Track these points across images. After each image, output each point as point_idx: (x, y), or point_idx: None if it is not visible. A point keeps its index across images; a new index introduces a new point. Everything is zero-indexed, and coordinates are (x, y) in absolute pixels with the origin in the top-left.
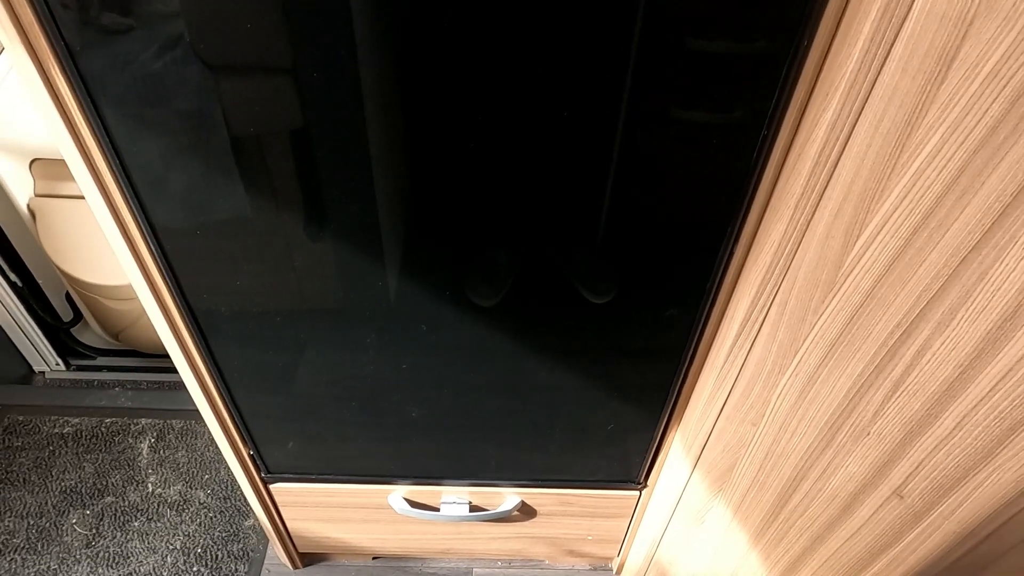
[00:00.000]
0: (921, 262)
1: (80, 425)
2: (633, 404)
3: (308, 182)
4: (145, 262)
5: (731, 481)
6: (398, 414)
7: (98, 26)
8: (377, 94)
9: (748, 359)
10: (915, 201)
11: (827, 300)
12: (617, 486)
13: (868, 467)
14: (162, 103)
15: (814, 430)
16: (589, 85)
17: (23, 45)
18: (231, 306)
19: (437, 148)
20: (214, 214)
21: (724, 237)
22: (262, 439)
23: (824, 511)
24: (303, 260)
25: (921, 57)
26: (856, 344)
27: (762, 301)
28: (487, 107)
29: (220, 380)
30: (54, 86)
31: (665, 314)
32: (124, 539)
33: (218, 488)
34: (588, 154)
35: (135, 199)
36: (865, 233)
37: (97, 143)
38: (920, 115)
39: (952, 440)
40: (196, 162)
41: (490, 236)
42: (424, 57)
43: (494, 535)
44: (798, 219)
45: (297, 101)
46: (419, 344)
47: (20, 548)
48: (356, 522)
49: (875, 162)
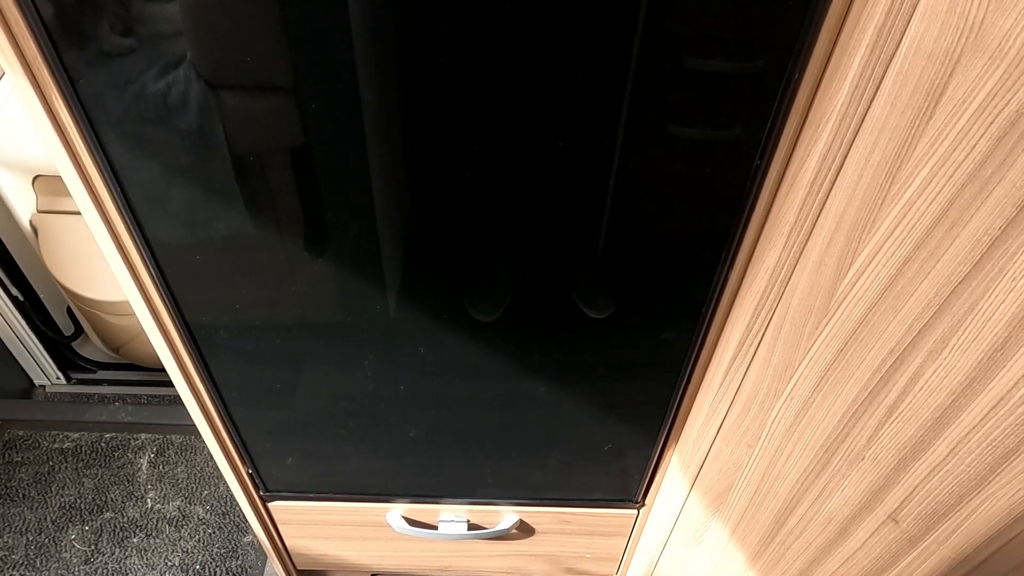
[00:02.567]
0: (912, 292)
1: (80, 440)
2: (631, 423)
3: (307, 200)
4: (142, 279)
5: (728, 502)
6: (396, 432)
7: (97, 49)
8: (377, 113)
9: (744, 381)
10: (906, 232)
11: (821, 326)
12: (615, 505)
13: (863, 491)
14: (163, 122)
15: (809, 453)
16: (586, 102)
17: (22, 69)
18: (229, 323)
19: (436, 166)
20: (212, 232)
21: (719, 260)
22: (260, 457)
23: (820, 534)
24: (302, 278)
25: (910, 93)
26: (850, 370)
27: (757, 325)
28: (486, 125)
29: (218, 398)
30: (53, 108)
31: (662, 333)
32: (123, 555)
33: (217, 504)
34: (585, 171)
35: (132, 217)
36: (857, 262)
37: (95, 164)
38: (910, 149)
39: (946, 466)
40: (194, 180)
41: (490, 252)
42: (423, 76)
43: (493, 553)
44: (791, 246)
45: (297, 120)
46: (417, 362)
47: (19, 564)
48: (354, 539)
49: (866, 193)
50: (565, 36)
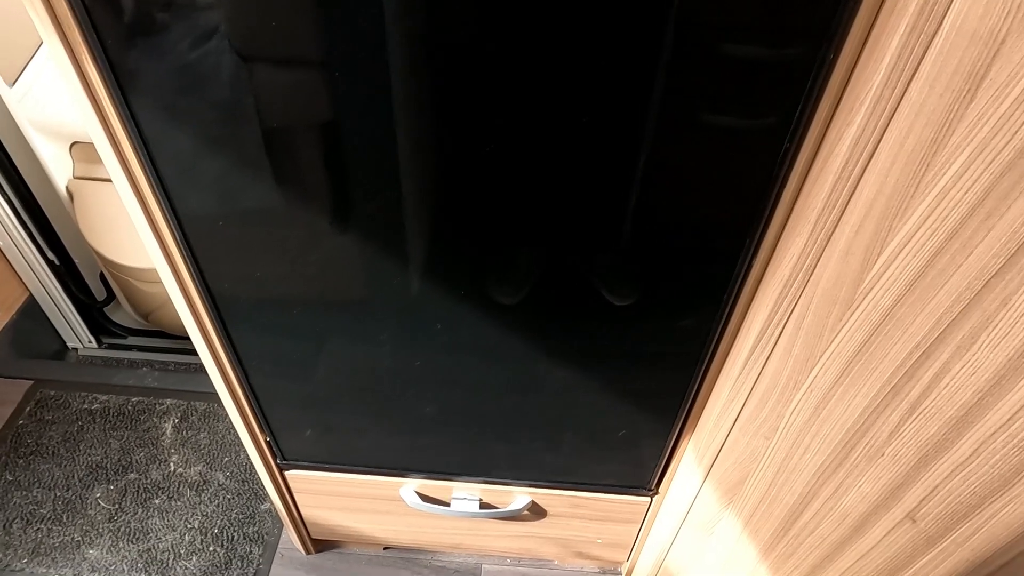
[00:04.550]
0: (942, 284)
1: (108, 402)
2: (647, 410)
3: (333, 174)
4: (168, 247)
5: (742, 494)
6: (413, 408)
7: (135, 18)
8: (406, 90)
9: (763, 372)
10: (938, 222)
11: (845, 318)
12: (628, 491)
13: (881, 488)
14: (194, 93)
15: (827, 447)
16: (615, 86)
17: (57, 35)
18: (252, 295)
19: (464, 147)
20: (239, 204)
21: (743, 248)
22: (279, 426)
23: (835, 530)
24: (325, 252)
25: (950, 75)
26: (873, 363)
27: (779, 315)
28: (514, 107)
29: (239, 366)
30: (87, 77)
31: (682, 321)
32: (145, 515)
33: (237, 471)
34: (611, 156)
35: (160, 186)
36: (886, 252)
37: (126, 132)
38: (947, 134)
39: (968, 466)
40: (225, 152)
41: (514, 234)
42: (454, 56)
43: (504, 533)
44: (818, 234)
45: (326, 94)
46: (436, 340)
47: (47, 518)
48: (368, 512)
49: (899, 180)
50: (597, 19)
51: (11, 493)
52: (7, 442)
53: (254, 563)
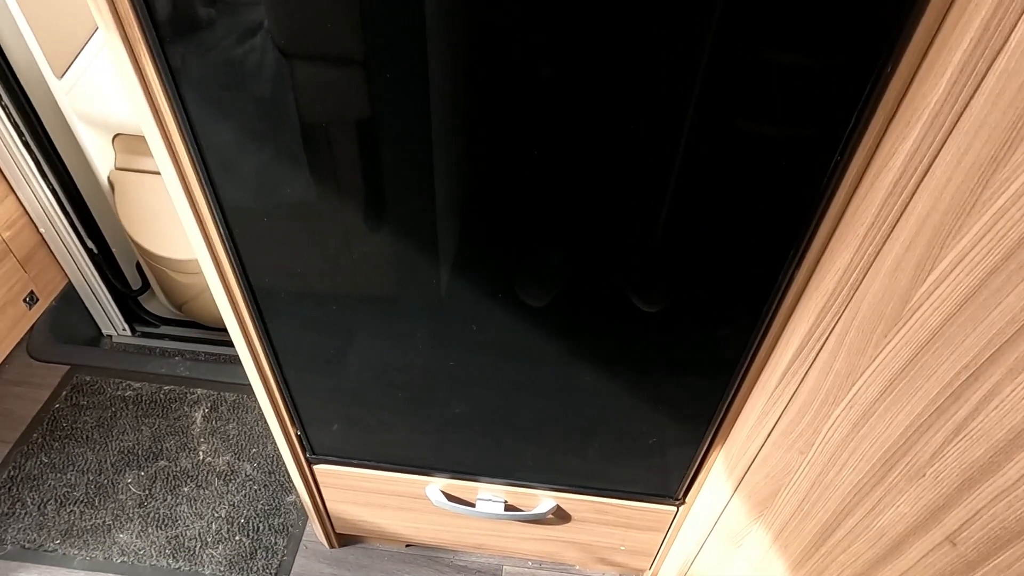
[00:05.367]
0: (996, 304)
1: (141, 390)
2: (678, 419)
3: (370, 172)
4: (212, 239)
5: (773, 507)
6: (441, 408)
7: (187, 14)
8: (445, 91)
9: (801, 386)
10: (995, 241)
11: (890, 334)
12: (655, 500)
13: (921, 509)
14: (239, 88)
15: (866, 465)
16: (657, 89)
17: (117, 30)
18: (289, 288)
19: (500, 148)
20: (279, 198)
21: (786, 260)
22: (309, 420)
23: (869, 549)
24: (361, 249)
25: (1015, 92)
26: (918, 382)
27: (821, 329)
28: (552, 110)
29: (274, 359)
30: (143, 70)
31: (719, 330)
32: (174, 502)
33: (264, 463)
34: (651, 160)
35: (207, 179)
36: (937, 269)
37: (177, 125)
38: (1008, 152)
39: (1015, 492)
40: (267, 147)
41: (545, 237)
42: (493, 57)
43: (527, 535)
44: (866, 249)
45: (365, 93)
46: (466, 340)
47: (79, 501)
48: (393, 509)
49: (954, 197)
50: (640, 23)
51: (46, 475)
52: (44, 425)
53: (279, 554)
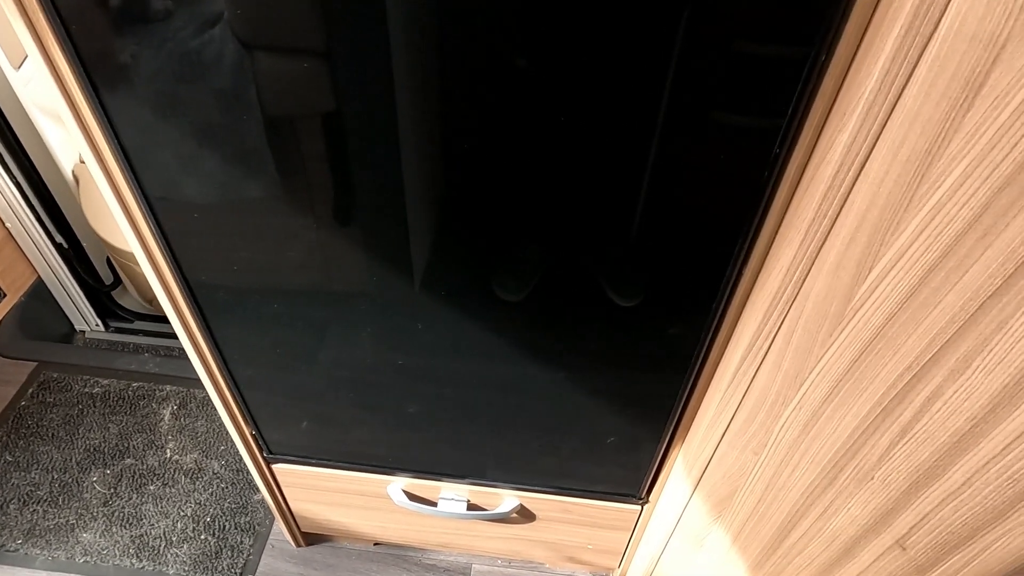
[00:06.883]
0: (936, 303)
1: (109, 387)
2: (638, 416)
3: (334, 166)
4: (143, 234)
5: (731, 508)
6: (400, 406)
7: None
8: (410, 82)
9: (752, 385)
10: (933, 237)
11: (835, 334)
12: (618, 499)
13: (871, 512)
14: (193, 80)
15: (816, 467)
16: (609, 84)
17: (19, 13)
18: (232, 285)
19: (469, 141)
20: (217, 195)
21: (732, 255)
22: (264, 419)
23: (823, 552)
24: (309, 244)
25: (947, 81)
26: (864, 383)
27: (768, 327)
28: (519, 101)
29: (219, 356)
30: (50, 56)
31: (671, 327)
32: (139, 501)
33: (231, 461)
34: (606, 152)
35: (131, 172)
36: (878, 266)
37: (93, 113)
38: (943, 144)
39: (960, 496)
40: (189, 138)
41: (517, 231)
42: (459, 48)
43: (493, 534)
44: (808, 244)
45: (329, 84)
46: (425, 337)
47: (43, 500)
48: (356, 508)
49: (892, 191)
50: (595, 19)
51: (9, 474)
52: (8, 423)
53: (244, 553)
